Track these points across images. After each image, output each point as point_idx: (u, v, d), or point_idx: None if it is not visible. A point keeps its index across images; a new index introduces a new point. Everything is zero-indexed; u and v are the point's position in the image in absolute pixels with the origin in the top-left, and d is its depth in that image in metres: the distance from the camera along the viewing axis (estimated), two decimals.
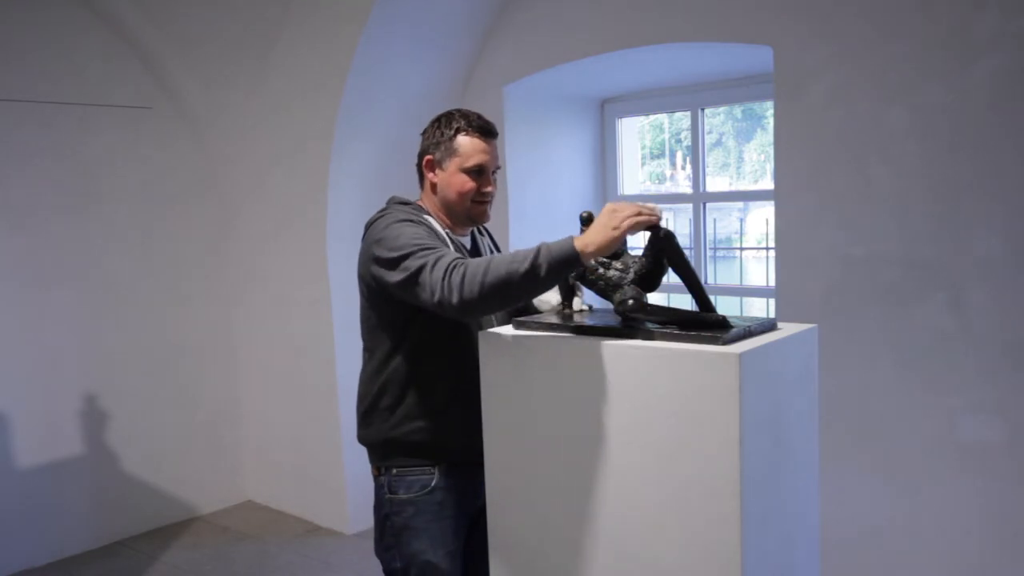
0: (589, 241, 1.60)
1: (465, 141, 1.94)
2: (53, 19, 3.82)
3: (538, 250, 1.63)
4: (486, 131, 1.97)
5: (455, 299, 1.66)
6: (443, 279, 1.68)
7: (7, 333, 3.75)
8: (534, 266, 1.61)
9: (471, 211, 1.99)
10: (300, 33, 3.68)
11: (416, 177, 2.08)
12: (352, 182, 3.92)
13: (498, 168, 2.02)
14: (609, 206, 1.62)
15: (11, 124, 3.71)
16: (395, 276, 1.78)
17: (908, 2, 2.71)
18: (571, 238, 1.63)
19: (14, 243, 3.76)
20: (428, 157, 1.99)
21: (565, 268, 1.63)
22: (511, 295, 1.66)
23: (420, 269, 1.73)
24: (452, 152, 1.95)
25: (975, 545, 2.76)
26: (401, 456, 1.96)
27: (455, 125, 1.95)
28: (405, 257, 1.76)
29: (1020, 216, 2.58)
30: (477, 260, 1.68)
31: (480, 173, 1.96)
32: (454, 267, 1.68)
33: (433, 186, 2.00)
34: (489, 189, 1.98)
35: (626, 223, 1.59)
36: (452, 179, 1.96)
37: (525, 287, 1.64)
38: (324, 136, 3.77)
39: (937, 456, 2.80)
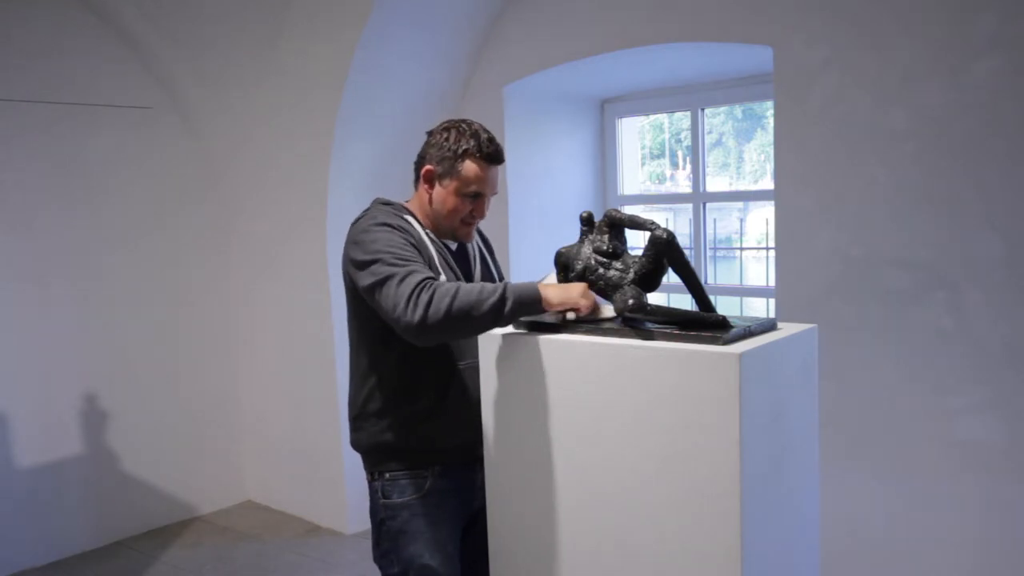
0: (550, 296, 1.70)
1: (470, 167, 1.90)
2: (53, 19, 3.82)
3: (505, 286, 1.69)
4: (494, 158, 1.94)
5: (417, 317, 1.65)
6: (410, 295, 1.66)
7: (7, 333, 3.75)
8: (502, 300, 1.66)
9: (457, 230, 1.98)
10: (300, 33, 3.68)
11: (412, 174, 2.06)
12: (352, 182, 3.92)
13: (495, 193, 1.99)
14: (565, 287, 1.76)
15: (11, 124, 3.71)
16: (364, 280, 1.78)
17: (908, 3, 2.71)
18: (536, 284, 1.72)
19: (14, 243, 3.76)
20: (429, 168, 1.94)
21: (528, 309, 1.70)
22: (472, 325, 1.68)
23: (387, 278, 1.72)
24: (454, 173, 1.91)
25: (975, 545, 2.76)
26: (392, 461, 1.94)
27: (465, 146, 1.90)
28: (375, 262, 1.76)
29: (1020, 216, 2.58)
30: (446, 284, 1.68)
31: (476, 198, 1.95)
32: (424, 286, 1.67)
33: (428, 194, 1.96)
34: (481, 215, 1.98)
35: (584, 303, 1.71)
36: (448, 198, 1.93)
37: (488, 319, 1.68)
38: (324, 136, 3.76)
39: (937, 456, 2.80)
